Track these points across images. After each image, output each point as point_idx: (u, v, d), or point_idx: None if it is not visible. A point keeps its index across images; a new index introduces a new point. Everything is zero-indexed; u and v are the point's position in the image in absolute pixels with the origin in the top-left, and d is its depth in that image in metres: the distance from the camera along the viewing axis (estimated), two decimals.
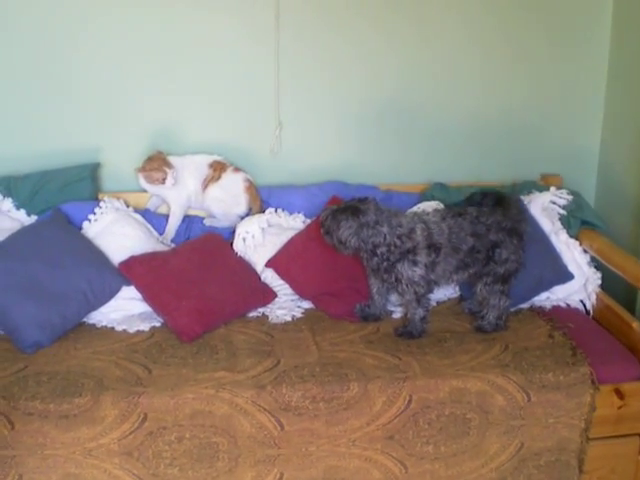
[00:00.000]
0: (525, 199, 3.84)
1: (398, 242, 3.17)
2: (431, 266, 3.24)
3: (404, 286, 3.23)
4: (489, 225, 3.32)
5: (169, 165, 3.71)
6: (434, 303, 3.56)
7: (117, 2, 3.75)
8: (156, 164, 3.70)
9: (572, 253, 3.73)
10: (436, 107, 4.12)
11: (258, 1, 3.81)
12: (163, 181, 3.71)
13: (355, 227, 3.12)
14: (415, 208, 3.87)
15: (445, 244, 3.24)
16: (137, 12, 3.77)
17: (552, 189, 3.92)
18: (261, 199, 3.88)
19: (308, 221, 3.78)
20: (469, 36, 4.03)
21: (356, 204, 3.18)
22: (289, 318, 3.42)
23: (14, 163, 3.81)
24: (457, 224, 3.29)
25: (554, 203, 3.86)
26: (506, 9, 4.03)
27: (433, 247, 3.22)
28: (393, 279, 3.24)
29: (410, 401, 2.97)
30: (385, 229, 3.15)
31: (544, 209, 3.82)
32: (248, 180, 3.85)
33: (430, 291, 3.31)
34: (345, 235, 3.14)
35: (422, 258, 3.21)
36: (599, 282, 3.70)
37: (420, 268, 3.21)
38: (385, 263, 3.21)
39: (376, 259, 3.21)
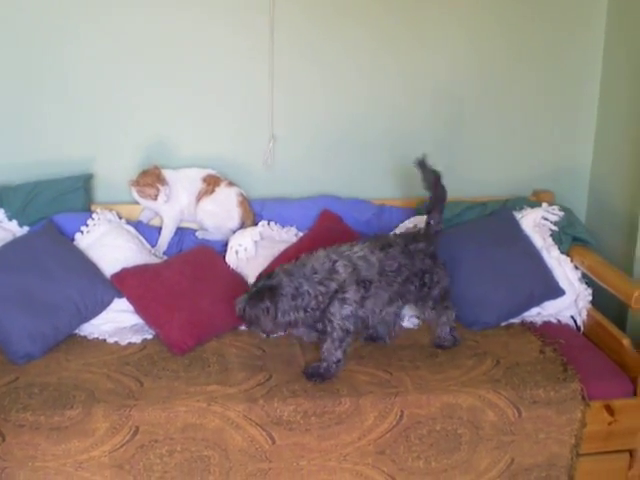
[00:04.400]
0: (517, 215, 3.87)
1: (322, 288, 3.01)
2: (360, 302, 3.09)
3: (335, 325, 3.05)
4: (417, 253, 3.25)
5: (163, 182, 3.72)
6: (414, 321, 3.58)
7: (110, 14, 3.75)
8: (150, 179, 3.71)
9: (563, 269, 3.74)
10: (428, 122, 4.12)
11: (253, 15, 3.82)
12: (155, 197, 3.72)
13: (292, 303, 2.97)
14: (407, 222, 3.89)
15: (376, 279, 3.11)
16: (131, 24, 3.77)
17: (544, 205, 3.93)
18: (254, 214, 3.89)
19: (300, 234, 3.79)
20: (467, 53, 4.05)
21: (267, 283, 2.99)
22: (281, 332, 3.41)
23: (6, 173, 3.81)
24: (388, 256, 3.17)
25: (546, 219, 3.87)
26: (505, 28, 4.05)
27: (362, 283, 3.08)
28: (326, 322, 3.07)
29: (402, 416, 2.97)
30: (306, 286, 2.99)
31: (536, 225, 3.84)
32: (241, 195, 3.85)
33: (357, 330, 3.16)
34: (293, 316, 2.98)
35: (351, 295, 3.05)
36: (590, 298, 3.71)
37: (350, 304, 3.05)
38: (317, 312, 3.03)
39: (309, 315, 3.03)
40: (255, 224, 3.83)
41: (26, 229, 3.69)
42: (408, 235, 3.37)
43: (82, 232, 3.65)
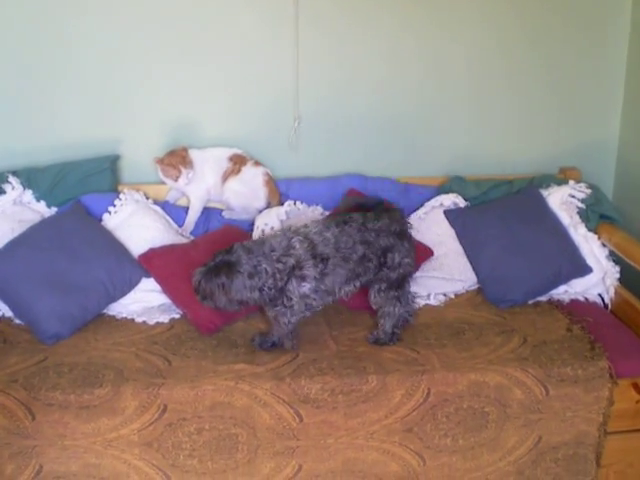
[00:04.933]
0: (544, 192, 3.85)
1: (280, 266, 2.97)
2: (321, 278, 3.04)
3: (293, 302, 3.03)
4: (377, 230, 3.15)
5: (187, 164, 3.73)
6: (449, 296, 3.60)
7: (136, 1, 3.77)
8: (174, 160, 3.72)
9: (590, 247, 3.72)
10: (453, 100, 4.11)
11: None
12: (176, 179, 3.74)
13: (247, 282, 2.92)
14: (433, 201, 3.89)
15: (332, 254, 3.05)
16: (158, 4, 3.78)
17: (571, 183, 3.91)
18: (280, 193, 3.90)
19: (326, 213, 3.79)
20: (489, 32, 4.01)
21: (225, 258, 2.94)
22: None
23: (34, 155, 3.84)
24: (344, 232, 3.10)
25: (573, 197, 3.85)
26: (525, 7, 4.01)
27: (319, 257, 3.03)
28: (284, 300, 3.04)
29: (428, 394, 2.97)
30: (264, 264, 2.94)
31: (563, 203, 3.82)
32: (267, 174, 3.86)
33: (322, 302, 3.13)
34: (246, 295, 2.94)
35: (310, 271, 3.01)
36: (617, 276, 3.69)
37: (309, 282, 3.02)
38: (273, 291, 2.99)
39: (265, 293, 2.98)
40: (281, 204, 3.84)
41: (54, 210, 3.73)
42: (371, 214, 3.23)
43: (110, 213, 3.68)
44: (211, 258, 2.98)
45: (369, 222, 3.16)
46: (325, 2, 3.85)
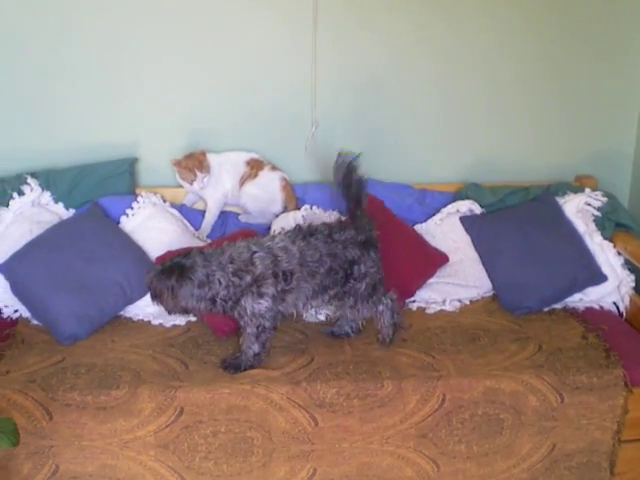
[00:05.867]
0: (560, 200, 3.86)
1: (236, 280, 2.90)
2: (281, 295, 2.98)
3: (247, 320, 2.97)
4: (344, 242, 3.09)
5: (203, 169, 3.75)
6: (464, 302, 3.61)
7: (157, 2, 3.78)
8: (191, 163, 3.74)
9: (606, 255, 3.72)
10: (470, 107, 4.11)
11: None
12: (191, 182, 3.76)
13: (196, 291, 2.85)
14: (449, 207, 3.90)
15: (297, 269, 2.98)
16: (174, 8, 3.79)
17: (587, 191, 3.91)
18: (297, 198, 3.91)
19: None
20: (502, 38, 4.01)
21: (181, 261, 2.86)
22: (323, 317, 3.43)
23: (53, 157, 3.86)
24: (310, 245, 3.03)
25: (589, 205, 3.85)
26: (537, 10, 4.01)
27: (282, 275, 2.95)
28: (236, 315, 2.99)
29: (444, 400, 2.98)
30: (218, 275, 2.87)
31: (579, 211, 3.82)
32: (284, 179, 3.87)
33: (274, 325, 3.05)
34: (191, 303, 2.87)
35: (268, 289, 2.94)
36: (633, 284, 3.69)
37: (266, 300, 2.95)
38: (230, 302, 2.93)
39: (219, 304, 2.92)
40: (298, 208, 3.85)
41: (72, 212, 3.76)
42: (336, 223, 3.21)
43: (127, 215, 3.70)
44: (170, 258, 2.96)
45: (335, 233, 3.11)
46: (343, 9, 3.86)
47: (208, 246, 3.54)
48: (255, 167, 3.84)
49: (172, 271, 2.85)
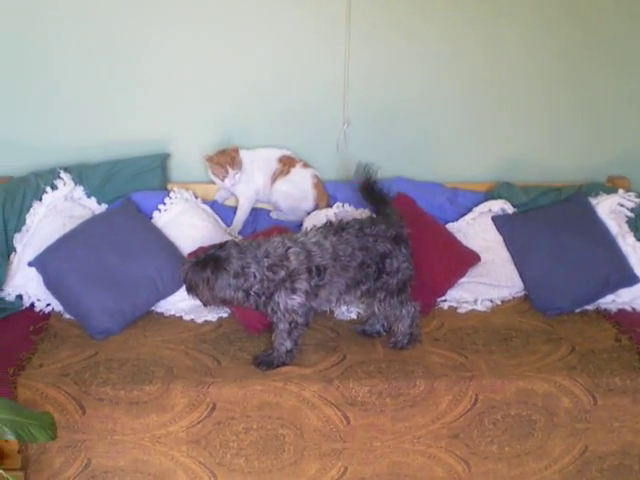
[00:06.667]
0: (593, 201, 3.84)
1: (270, 274, 2.92)
2: (314, 291, 3.01)
3: (280, 315, 2.99)
4: (375, 236, 3.10)
5: (235, 165, 3.76)
6: (495, 302, 3.59)
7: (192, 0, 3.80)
8: (223, 160, 3.75)
9: (639, 256, 3.69)
10: (502, 106, 4.09)
11: None
12: (223, 179, 3.77)
13: (232, 281, 2.87)
14: (481, 207, 3.88)
15: (330, 264, 3.00)
16: (206, 8, 3.80)
17: (620, 192, 3.89)
18: (328, 195, 3.91)
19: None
20: (533, 38, 3.99)
21: (216, 253, 2.90)
22: (354, 315, 3.43)
23: (86, 152, 3.88)
24: (342, 240, 3.05)
25: (622, 206, 3.83)
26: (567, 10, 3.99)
27: (315, 270, 2.98)
28: (269, 311, 3.01)
29: (476, 400, 2.98)
30: (253, 268, 2.90)
31: (611, 211, 3.80)
32: (316, 176, 3.88)
33: (307, 322, 3.08)
34: (229, 294, 2.90)
35: (302, 285, 2.97)
36: None
37: (299, 296, 2.98)
38: (263, 297, 2.96)
39: (252, 298, 2.95)
40: (329, 206, 3.85)
41: (104, 207, 3.78)
42: (367, 219, 3.22)
43: (160, 210, 3.71)
44: (204, 251, 2.98)
45: (366, 227, 3.13)
46: (376, 8, 3.85)
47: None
48: (287, 164, 3.85)
49: (207, 263, 2.88)
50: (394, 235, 3.14)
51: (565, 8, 3.95)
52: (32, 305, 3.46)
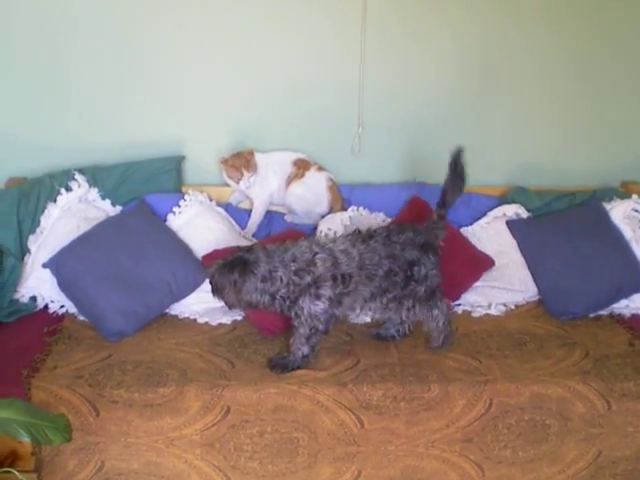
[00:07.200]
0: (607, 206, 3.84)
1: (296, 279, 2.91)
2: (338, 298, 2.99)
3: (302, 320, 2.98)
4: (402, 243, 3.07)
5: (250, 168, 3.76)
6: (509, 307, 3.59)
7: (206, 3, 3.80)
8: (238, 162, 3.76)
9: None
10: (517, 110, 4.09)
11: (346, 0, 3.82)
12: (237, 181, 3.77)
13: (259, 285, 2.86)
14: (495, 211, 3.88)
15: (356, 273, 2.98)
16: (223, 11, 3.80)
17: (634, 197, 3.89)
18: (343, 199, 3.92)
19: (389, 220, 3.79)
20: (558, 39, 3.98)
21: (244, 256, 2.88)
22: (368, 319, 3.42)
23: (100, 154, 3.89)
24: (369, 248, 3.02)
25: (636, 211, 3.83)
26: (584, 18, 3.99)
27: (341, 278, 2.96)
28: (293, 314, 3.00)
29: (490, 405, 2.97)
30: (280, 272, 2.88)
31: (625, 217, 3.80)
32: (331, 179, 3.88)
33: (327, 329, 3.06)
34: (256, 297, 2.88)
35: (326, 291, 2.95)
36: None
37: (323, 302, 2.96)
38: (287, 302, 2.95)
39: (277, 302, 2.94)
40: (344, 209, 3.85)
41: (119, 208, 3.78)
42: (394, 226, 3.20)
43: (174, 213, 3.71)
44: (232, 254, 2.96)
45: (394, 235, 3.10)
46: (391, 12, 3.85)
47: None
48: (302, 167, 3.85)
49: (234, 265, 2.86)
50: (422, 242, 3.12)
51: (581, 12, 3.95)
52: (46, 307, 3.47)
